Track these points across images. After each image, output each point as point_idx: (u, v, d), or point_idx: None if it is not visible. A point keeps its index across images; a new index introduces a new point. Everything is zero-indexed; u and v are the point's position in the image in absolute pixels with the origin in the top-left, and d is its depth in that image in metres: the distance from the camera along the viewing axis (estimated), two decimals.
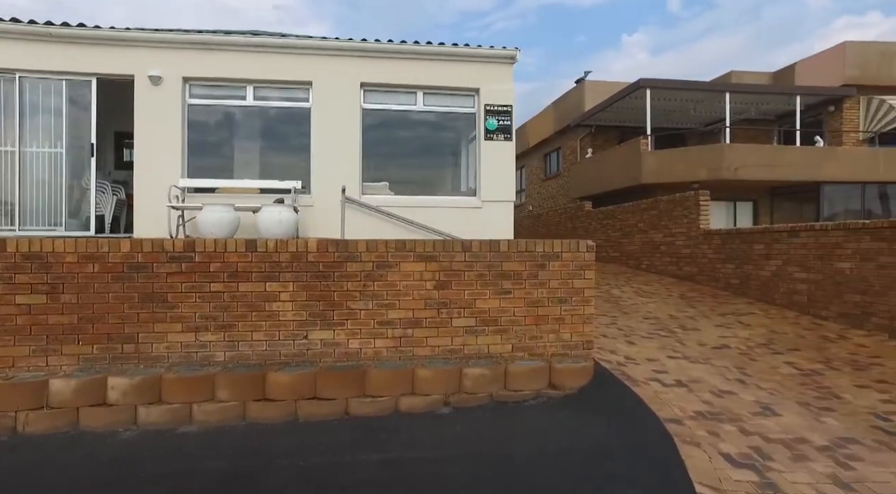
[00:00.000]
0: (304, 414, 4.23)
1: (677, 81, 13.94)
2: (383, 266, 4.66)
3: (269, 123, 7.47)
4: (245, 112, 7.39)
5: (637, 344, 5.78)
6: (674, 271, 10.64)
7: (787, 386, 4.82)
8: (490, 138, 7.37)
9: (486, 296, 4.75)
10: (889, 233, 6.25)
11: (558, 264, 4.84)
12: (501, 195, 7.39)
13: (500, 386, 4.49)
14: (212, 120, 7.38)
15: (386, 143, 7.56)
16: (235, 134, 7.48)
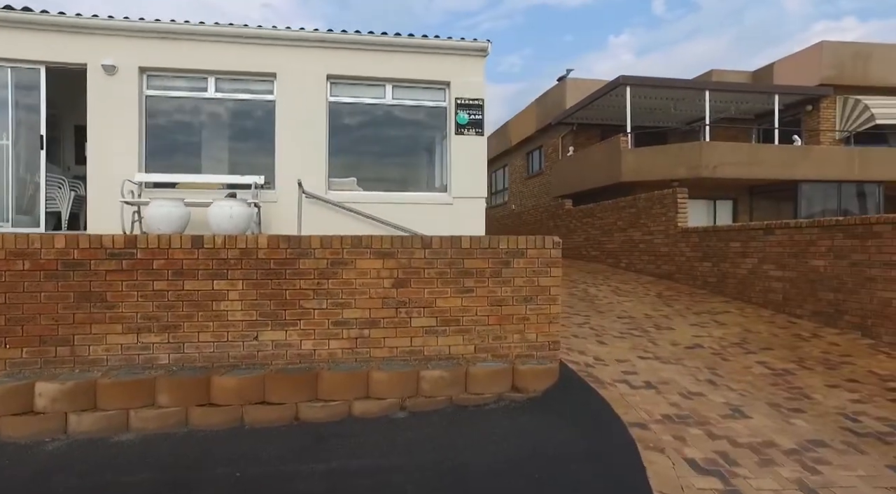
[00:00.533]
0: (251, 420, 3.98)
1: (657, 79, 13.87)
2: (338, 263, 4.43)
3: (232, 116, 7.19)
4: (207, 104, 7.10)
5: (608, 344, 5.61)
6: (652, 270, 10.53)
7: (758, 386, 4.68)
8: (461, 133, 7.16)
9: (447, 295, 4.54)
10: (861, 230, 6.16)
11: (523, 261, 4.65)
12: (473, 191, 7.19)
13: (461, 389, 4.28)
14: (172, 112, 7.08)
15: (354, 138, 7.32)
16: (197, 127, 7.19)
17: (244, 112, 7.14)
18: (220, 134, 7.26)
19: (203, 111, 7.12)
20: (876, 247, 5.97)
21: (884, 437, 3.73)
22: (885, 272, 5.85)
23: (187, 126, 7.13)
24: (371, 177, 7.37)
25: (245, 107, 7.13)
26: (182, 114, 7.10)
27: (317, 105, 7.00)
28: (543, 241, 4.68)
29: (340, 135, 7.25)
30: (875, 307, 5.96)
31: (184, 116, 7.09)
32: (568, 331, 6.03)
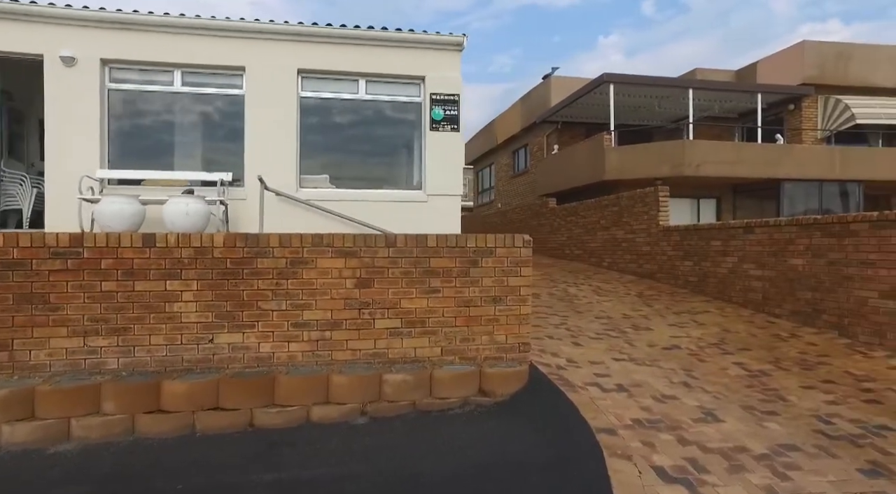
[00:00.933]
0: (202, 427, 3.79)
1: (641, 77, 13.80)
2: (298, 262, 4.24)
3: (200, 111, 6.96)
4: (173, 99, 6.86)
5: (583, 345, 5.48)
6: (634, 269, 10.44)
7: (733, 388, 4.56)
8: (436, 128, 6.99)
9: (412, 296, 4.37)
10: (838, 228, 6.08)
11: (492, 260, 4.49)
12: (448, 188, 7.03)
13: (425, 393, 4.11)
14: (137, 107, 6.84)
15: (327, 134, 7.12)
16: (164, 122, 6.94)
17: (212, 107, 6.92)
18: (187, 129, 7.02)
19: (170, 106, 6.89)
20: (853, 246, 5.90)
21: (856, 439, 3.62)
22: (862, 271, 5.77)
23: (153, 121, 6.88)
24: (344, 174, 7.17)
25: (213, 101, 6.90)
26: (147, 108, 6.85)
27: (287, 100, 6.79)
28: (513, 240, 4.52)
29: (312, 131, 7.05)
30: (852, 306, 5.88)
31: (149, 111, 6.85)
32: (543, 332, 5.89)
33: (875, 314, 5.63)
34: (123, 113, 6.75)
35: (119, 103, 6.71)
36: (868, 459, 3.35)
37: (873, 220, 5.72)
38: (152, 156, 6.87)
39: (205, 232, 4.32)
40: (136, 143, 6.83)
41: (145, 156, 6.85)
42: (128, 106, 6.78)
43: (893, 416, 4.03)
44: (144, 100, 6.82)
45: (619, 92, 14.14)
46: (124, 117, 6.77)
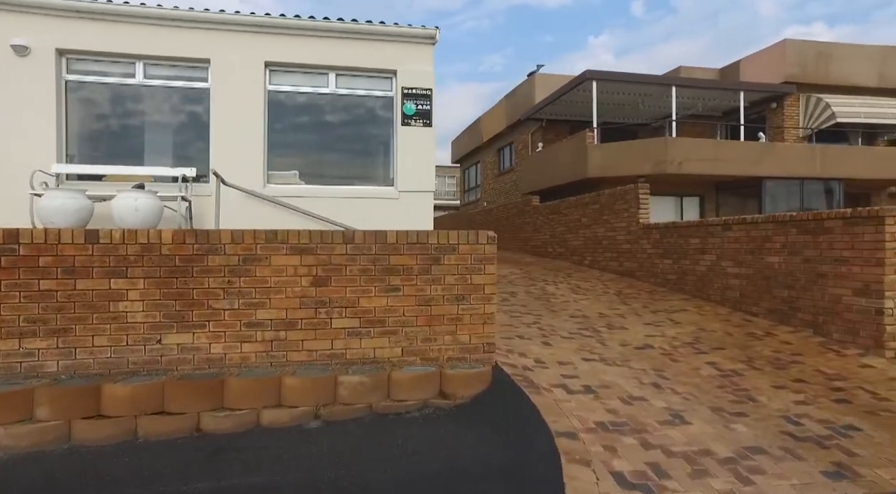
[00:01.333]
0: (145, 433, 3.59)
1: (623, 74, 13.72)
2: (251, 259, 4.06)
3: (164, 105, 6.73)
4: (136, 92, 6.63)
5: (553, 345, 5.34)
6: (615, 267, 10.34)
7: (704, 389, 4.44)
8: (408, 123, 6.82)
9: (371, 294, 4.20)
10: (813, 225, 6.00)
11: (455, 257, 4.33)
12: (420, 185, 6.86)
13: (383, 396, 3.95)
14: (97, 99, 6.59)
15: (296, 129, 6.92)
16: (126, 116, 6.70)
17: (177, 100, 6.69)
18: (152, 124, 6.79)
19: (132, 99, 6.65)
20: (827, 243, 5.82)
21: (822, 441, 3.52)
22: (836, 268, 5.69)
23: (115, 114, 6.64)
24: (314, 170, 6.98)
25: (178, 95, 6.68)
26: (108, 101, 6.61)
27: (254, 94, 6.58)
28: (477, 236, 4.37)
29: (281, 126, 6.85)
30: (826, 304, 5.80)
31: (110, 104, 6.61)
32: (514, 332, 5.75)
33: (848, 312, 5.55)
34: (83, 106, 6.51)
35: (78, 95, 6.47)
36: (833, 461, 3.24)
37: (847, 217, 5.64)
38: (114, 151, 6.64)
39: (158, 229, 4.12)
40: (98, 138, 6.59)
41: (107, 150, 6.61)
42: (87, 98, 6.54)
43: (861, 416, 3.94)
44: (105, 93, 6.58)
45: (601, 89, 14.05)
46: (84, 110, 6.53)
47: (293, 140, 6.90)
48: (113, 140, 6.68)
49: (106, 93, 6.57)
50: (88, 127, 6.56)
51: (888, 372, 4.88)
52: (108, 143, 6.65)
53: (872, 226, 5.37)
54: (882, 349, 5.19)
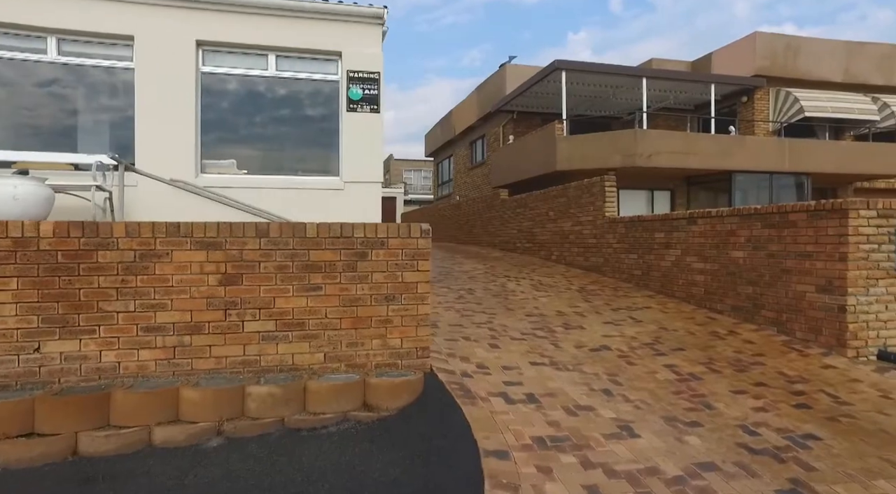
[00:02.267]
0: (7, 459, 3.07)
1: (593, 64, 13.40)
2: (150, 255, 3.56)
3: (84, 86, 6.12)
4: (49, 70, 6.00)
5: (502, 347, 4.94)
6: (581, 262, 10.02)
7: (658, 395, 4.09)
8: (353, 109, 6.34)
9: (289, 294, 3.74)
10: (778, 219, 5.72)
11: (384, 253, 3.90)
12: (367, 175, 6.40)
13: (297, 408, 3.50)
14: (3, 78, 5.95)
15: (233, 115, 6.39)
16: (37, 97, 6.08)
17: (97, 81, 6.09)
18: (69, 106, 6.18)
19: (45, 78, 6.03)
20: (791, 237, 5.53)
21: (780, 453, 3.20)
22: (799, 263, 5.41)
23: (25, 95, 6.02)
24: (254, 159, 6.45)
25: (97, 75, 6.07)
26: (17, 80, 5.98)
27: (185, 75, 6.02)
28: (409, 229, 3.93)
29: (216, 111, 6.31)
30: (789, 301, 5.53)
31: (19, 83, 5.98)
32: (462, 332, 5.34)
33: (812, 309, 5.28)
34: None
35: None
36: (789, 477, 2.92)
37: (811, 211, 5.36)
38: (26, 136, 6.02)
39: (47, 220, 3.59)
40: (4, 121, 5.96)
41: (17, 135, 5.99)
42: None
43: (821, 423, 3.63)
44: (13, 71, 5.94)
45: (572, 80, 13.73)
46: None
47: (230, 127, 6.37)
48: (23, 123, 6.06)
49: (13, 71, 5.93)
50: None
51: (849, 372, 4.61)
52: (17, 127, 6.03)
53: (836, 219, 5.10)
54: (844, 348, 4.93)
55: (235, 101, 6.39)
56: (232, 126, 6.41)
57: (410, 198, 37.21)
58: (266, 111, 6.45)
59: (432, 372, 4.00)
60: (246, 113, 6.43)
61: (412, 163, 42.72)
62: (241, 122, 6.42)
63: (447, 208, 19.36)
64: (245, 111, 6.43)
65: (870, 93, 15.32)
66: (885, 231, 5.03)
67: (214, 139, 6.33)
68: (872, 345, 4.97)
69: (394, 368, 3.90)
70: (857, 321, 4.92)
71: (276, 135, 6.49)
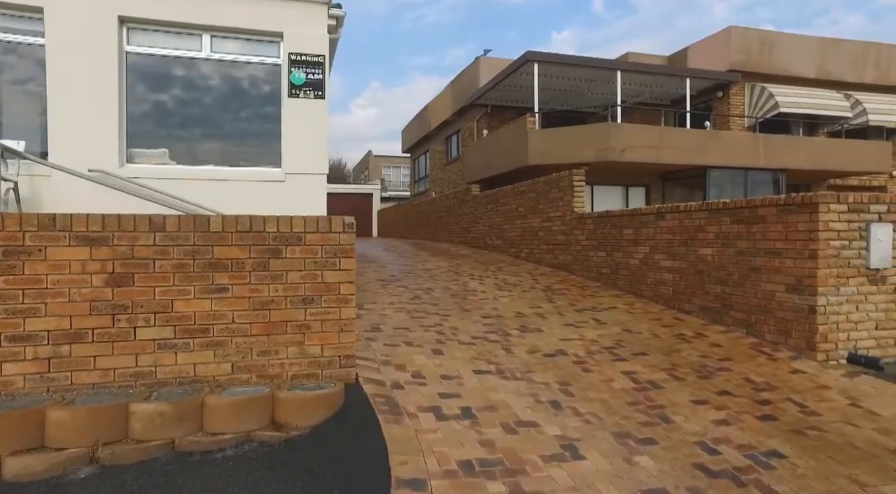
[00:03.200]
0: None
1: (566, 56, 13.05)
2: (16, 252, 3.05)
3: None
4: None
5: (446, 353, 4.51)
6: (550, 260, 9.65)
7: (612, 407, 3.70)
8: (296, 95, 5.85)
9: (190, 296, 3.26)
10: (747, 214, 5.38)
11: (300, 250, 3.43)
12: (310, 166, 5.91)
13: (193, 428, 3.02)
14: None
15: (165, 101, 5.84)
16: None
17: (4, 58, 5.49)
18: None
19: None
20: (760, 233, 5.20)
21: (740, 475, 2.82)
22: (769, 261, 5.08)
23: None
24: (188, 149, 5.91)
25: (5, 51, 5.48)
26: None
27: (106, 54, 5.46)
28: (329, 223, 3.47)
29: (145, 95, 5.75)
30: (759, 301, 5.19)
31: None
32: (406, 336, 4.90)
33: (781, 310, 4.95)
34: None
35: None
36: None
37: (780, 205, 5.02)
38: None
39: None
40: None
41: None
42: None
43: (787, 438, 3.27)
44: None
45: (545, 72, 13.35)
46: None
47: (162, 113, 5.82)
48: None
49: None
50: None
51: (819, 378, 4.27)
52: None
53: (806, 213, 4.76)
54: (814, 351, 4.60)
55: (166, 86, 5.84)
56: (163, 112, 5.87)
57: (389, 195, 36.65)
58: (201, 96, 5.92)
59: (358, 383, 3.55)
60: (179, 98, 5.89)
61: (392, 160, 42.16)
62: (174, 109, 5.88)
63: (421, 204, 18.89)
64: (178, 96, 5.89)
65: (843, 91, 15.23)
66: (856, 226, 4.72)
67: (143, 126, 5.78)
68: (842, 348, 4.65)
69: (313, 379, 3.44)
70: (828, 322, 4.60)
71: (212, 123, 5.96)
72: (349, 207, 25.45)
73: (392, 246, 13.93)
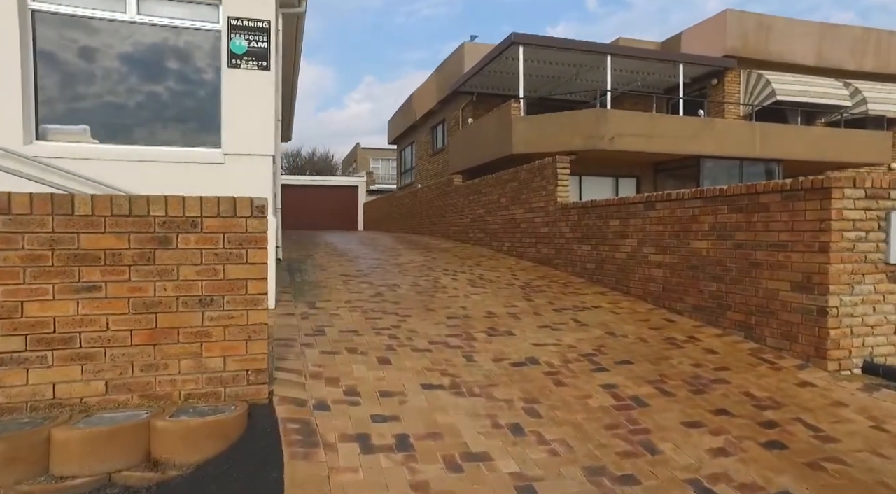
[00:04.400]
0: None
1: (553, 38, 12.35)
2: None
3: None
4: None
5: (393, 363, 3.83)
6: (533, 254, 8.99)
7: (587, 432, 3.05)
8: (236, 65, 5.12)
9: (47, 296, 2.56)
10: (746, 202, 4.73)
11: (196, 239, 2.73)
12: (254, 147, 5.18)
13: (35, 471, 2.32)
14: None
15: (85, 70, 5.08)
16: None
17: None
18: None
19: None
20: (762, 224, 4.55)
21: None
22: (772, 255, 4.43)
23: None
24: (112, 125, 5.16)
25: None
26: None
27: (3, 13, 4.69)
28: (234, 205, 2.78)
29: (60, 63, 5.00)
30: (760, 301, 4.55)
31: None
32: (352, 342, 4.21)
33: (786, 311, 4.31)
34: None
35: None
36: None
37: (786, 190, 4.38)
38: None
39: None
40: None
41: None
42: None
43: (800, 473, 2.64)
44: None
45: (531, 57, 12.65)
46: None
47: (80, 84, 5.07)
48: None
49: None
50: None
51: (831, 392, 3.65)
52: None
53: (816, 200, 4.12)
54: (824, 359, 3.97)
55: (87, 53, 5.08)
56: (84, 84, 5.11)
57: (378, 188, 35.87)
58: (128, 67, 5.16)
59: (271, 402, 2.86)
60: (103, 68, 5.13)
61: (380, 152, 41.36)
62: (96, 80, 5.12)
63: (405, 196, 18.17)
64: (102, 66, 5.13)
65: (842, 79, 14.64)
66: (875, 215, 4.08)
67: (59, 99, 5.03)
68: (857, 356, 4.02)
69: (213, 399, 2.76)
70: (840, 326, 3.96)
71: (141, 97, 5.20)
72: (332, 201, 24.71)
73: (371, 239, 13.23)
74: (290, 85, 11.82)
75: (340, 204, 24.94)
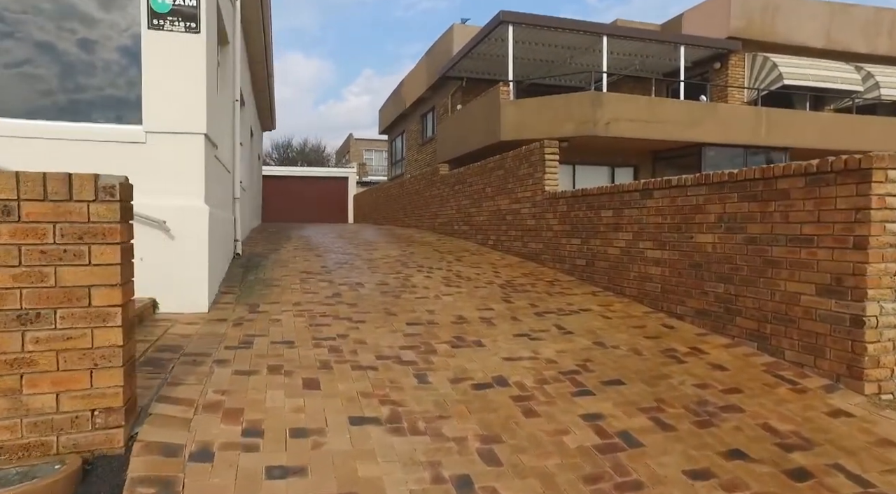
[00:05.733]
0: None
1: (544, 17, 11.50)
2: None
3: None
4: None
5: (323, 387, 3.07)
6: (519, 248, 8.24)
7: (558, 488, 2.30)
8: (159, 26, 4.32)
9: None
10: (762, 188, 3.98)
11: (9, 230, 1.96)
12: (181, 123, 4.39)
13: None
14: None
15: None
16: None
17: None
18: None
19: None
20: (780, 214, 3.80)
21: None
22: (793, 252, 3.68)
23: None
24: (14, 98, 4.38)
25: None
26: None
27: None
28: (68, 185, 2.01)
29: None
30: (777, 306, 3.81)
31: None
32: (280, 358, 3.45)
33: (809, 318, 3.57)
34: None
35: None
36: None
37: (811, 173, 3.63)
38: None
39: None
40: None
41: None
42: None
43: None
44: None
45: (522, 38, 11.83)
46: None
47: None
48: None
49: None
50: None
51: (874, 424, 2.90)
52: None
53: (850, 184, 3.36)
54: (859, 380, 3.23)
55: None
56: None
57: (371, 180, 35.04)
58: (29, 27, 4.37)
59: (127, 453, 2.10)
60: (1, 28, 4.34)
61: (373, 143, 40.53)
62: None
63: (392, 187, 17.37)
64: None
65: (853, 62, 13.82)
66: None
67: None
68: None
69: (39, 453, 2.00)
70: (881, 339, 3.22)
71: (46, 63, 4.41)
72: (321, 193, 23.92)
73: (353, 232, 12.46)
74: (262, 67, 11.01)
75: (329, 196, 24.17)
